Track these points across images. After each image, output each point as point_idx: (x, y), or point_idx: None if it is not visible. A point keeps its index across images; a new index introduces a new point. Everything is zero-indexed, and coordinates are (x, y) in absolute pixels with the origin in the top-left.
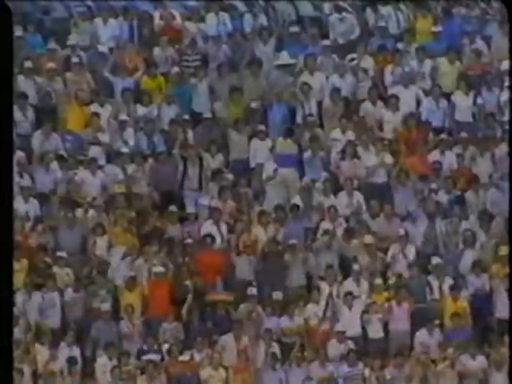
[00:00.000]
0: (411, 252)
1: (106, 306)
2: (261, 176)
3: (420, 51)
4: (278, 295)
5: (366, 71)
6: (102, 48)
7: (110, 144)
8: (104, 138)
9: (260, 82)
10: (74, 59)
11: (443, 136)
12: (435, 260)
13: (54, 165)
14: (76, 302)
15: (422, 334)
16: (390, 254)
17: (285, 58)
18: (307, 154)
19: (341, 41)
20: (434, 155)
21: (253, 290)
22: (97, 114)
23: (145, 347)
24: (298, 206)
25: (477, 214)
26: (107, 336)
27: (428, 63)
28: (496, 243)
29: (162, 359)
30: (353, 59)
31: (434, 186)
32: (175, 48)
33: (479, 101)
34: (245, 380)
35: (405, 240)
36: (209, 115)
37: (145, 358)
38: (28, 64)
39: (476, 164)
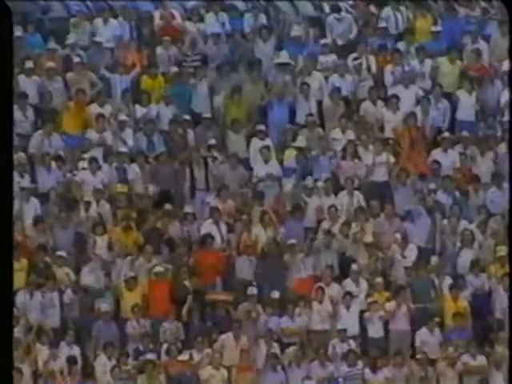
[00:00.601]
0: (411, 251)
1: (106, 306)
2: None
3: (420, 51)
4: (275, 294)
5: (369, 69)
6: (102, 48)
7: (110, 144)
8: (104, 138)
9: (260, 81)
10: (74, 59)
11: (445, 135)
12: (435, 259)
13: (54, 165)
14: (76, 301)
15: (422, 334)
16: (389, 253)
17: (284, 56)
18: (310, 155)
19: (340, 41)
20: (435, 154)
21: (253, 290)
22: (97, 115)
23: (141, 347)
24: (298, 206)
25: (476, 213)
26: (107, 336)
27: (428, 63)
28: (495, 243)
29: (159, 358)
30: (356, 58)
31: (433, 185)
32: (175, 48)
33: (479, 100)
34: (246, 380)
35: (405, 239)
36: (208, 115)
37: (142, 357)
38: (28, 64)
39: (476, 163)
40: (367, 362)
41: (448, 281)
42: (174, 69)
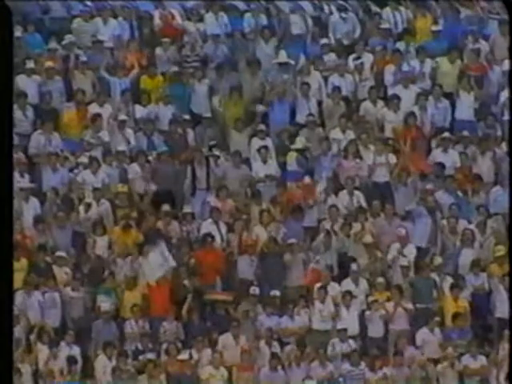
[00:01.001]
0: (411, 251)
1: (106, 306)
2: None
3: (420, 51)
4: (275, 293)
5: (369, 69)
6: (102, 47)
7: (110, 144)
8: (104, 137)
9: (259, 81)
10: (74, 59)
11: (445, 135)
12: (436, 259)
13: (54, 164)
14: (76, 301)
15: (422, 333)
16: (390, 253)
17: (284, 56)
18: (310, 155)
19: (344, 40)
20: (435, 154)
21: (256, 290)
22: (97, 114)
23: (140, 346)
24: (298, 206)
25: (476, 213)
26: (107, 336)
27: (428, 63)
28: (495, 243)
29: (158, 357)
30: (356, 58)
31: (434, 185)
32: (175, 48)
33: (479, 100)
34: (246, 379)
35: (405, 239)
36: (208, 115)
37: (142, 357)
38: (28, 64)
39: (476, 163)
40: (367, 362)
41: (449, 281)
42: (174, 69)
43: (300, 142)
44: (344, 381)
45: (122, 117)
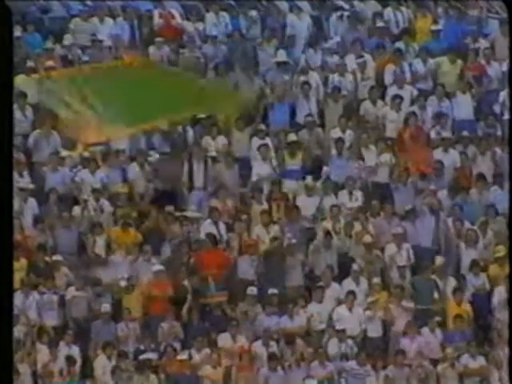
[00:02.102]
0: (411, 252)
1: (106, 306)
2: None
3: (420, 51)
4: (273, 291)
5: (370, 69)
6: (102, 47)
7: (110, 144)
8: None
9: (259, 81)
10: (73, 58)
11: (445, 134)
12: (438, 260)
13: (54, 164)
14: (75, 301)
15: (423, 334)
16: (390, 253)
17: (283, 56)
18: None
19: (344, 39)
20: (436, 154)
21: (253, 290)
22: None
23: (142, 347)
24: (297, 206)
25: (477, 213)
26: (106, 336)
27: (428, 62)
28: (496, 243)
29: (159, 358)
30: (357, 57)
31: (435, 184)
32: (174, 47)
33: (479, 100)
34: (245, 379)
35: (405, 239)
36: (208, 115)
37: (142, 357)
38: (28, 63)
39: (476, 163)
40: (370, 362)
41: (451, 282)
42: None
43: (293, 137)
44: (346, 380)
45: None
